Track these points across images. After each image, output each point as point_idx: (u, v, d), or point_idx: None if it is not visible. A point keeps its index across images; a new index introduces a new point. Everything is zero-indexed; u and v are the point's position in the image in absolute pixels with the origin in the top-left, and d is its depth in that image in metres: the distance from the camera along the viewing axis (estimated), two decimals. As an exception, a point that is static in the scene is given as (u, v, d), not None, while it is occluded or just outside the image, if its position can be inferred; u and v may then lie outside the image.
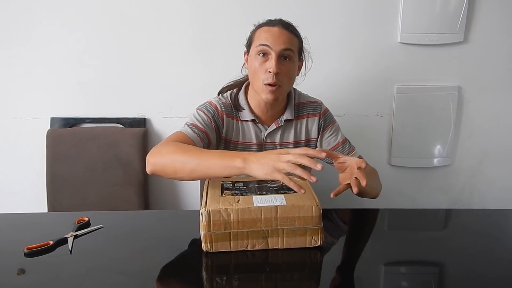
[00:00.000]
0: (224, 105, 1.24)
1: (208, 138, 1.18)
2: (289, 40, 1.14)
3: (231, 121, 1.25)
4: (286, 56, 1.14)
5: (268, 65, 1.13)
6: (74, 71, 1.73)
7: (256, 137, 1.25)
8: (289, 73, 1.16)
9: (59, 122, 1.77)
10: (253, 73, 1.18)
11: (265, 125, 1.26)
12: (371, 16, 1.68)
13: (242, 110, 1.25)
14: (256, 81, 1.17)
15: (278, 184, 0.99)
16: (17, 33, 1.69)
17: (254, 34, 1.20)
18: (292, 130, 1.27)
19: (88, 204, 1.72)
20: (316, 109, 1.29)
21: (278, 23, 1.17)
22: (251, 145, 1.25)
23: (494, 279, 0.82)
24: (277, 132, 1.26)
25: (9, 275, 0.84)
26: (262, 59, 1.15)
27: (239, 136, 1.25)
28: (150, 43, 1.71)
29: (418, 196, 1.87)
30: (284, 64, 1.14)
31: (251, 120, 1.24)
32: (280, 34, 1.14)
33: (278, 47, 1.12)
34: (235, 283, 0.81)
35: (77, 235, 0.99)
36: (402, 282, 0.84)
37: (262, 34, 1.16)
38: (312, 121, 1.29)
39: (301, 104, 1.29)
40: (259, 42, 1.15)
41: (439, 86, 1.75)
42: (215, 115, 1.22)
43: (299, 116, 1.28)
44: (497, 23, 1.69)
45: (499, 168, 1.84)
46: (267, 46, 1.13)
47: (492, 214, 1.16)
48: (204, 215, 0.86)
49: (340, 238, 1.03)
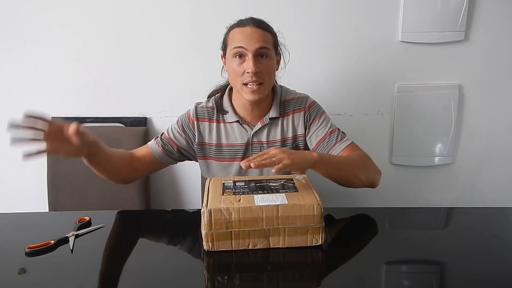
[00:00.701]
0: (201, 110, 1.27)
1: (172, 143, 1.26)
2: (262, 38, 1.14)
3: (208, 125, 1.26)
4: (262, 54, 1.15)
5: (246, 66, 1.14)
6: (75, 71, 1.73)
7: (242, 137, 1.25)
8: (268, 70, 1.16)
9: (60, 122, 1.77)
10: (232, 75, 1.18)
11: (250, 125, 1.25)
12: (372, 15, 1.68)
13: (226, 113, 1.25)
14: (236, 83, 1.18)
15: (279, 183, 0.99)
16: (18, 33, 1.69)
17: (227, 37, 1.20)
18: (279, 127, 1.26)
19: (89, 203, 1.72)
20: (301, 104, 1.27)
21: (249, 22, 1.17)
22: (236, 145, 1.25)
23: (495, 278, 0.82)
24: (263, 130, 1.25)
25: (10, 274, 0.84)
26: (239, 60, 1.15)
27: (221, 138, 1.26)
28: (151, 42, 1.71)
29: (419, 195, 1.87)
30: (261, 62, 1.15)
31: (235, 122, 1.25)
32: (253, 33, 1.14)
33: (252, 46, 1.13)
34: (236, 282, 0.81)
35: (78, 234, 0.99)
36: (403, 281, 0.84)
37: (235, 36, 1.16)
38: (298, 116, 1.27)
39: (287, 101, 1.28)
40: (234, 44, 1.15)
41: (440, 84, 1.74)
42: (185, 124, 1.27)
43: (285, 114, 1.27)
44: (498, 22, 1.68)
45: (500, 166, 1.84)
46: (242, 48, 1.13)
47: (493, 213, 1.16)
48: (205, 214, 0.86)
49: (342, 237, 1.03)
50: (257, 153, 1.02)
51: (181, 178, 1.85)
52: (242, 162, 0.96)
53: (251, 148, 1.26)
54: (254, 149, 1.25)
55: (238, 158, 1.25)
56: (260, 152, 1.02)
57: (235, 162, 1.26)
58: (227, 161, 1.26)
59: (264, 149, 1.22)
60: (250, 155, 1.25)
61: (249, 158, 0.99)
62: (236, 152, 1.25)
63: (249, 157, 1.01)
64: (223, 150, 1.26)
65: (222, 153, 1.26)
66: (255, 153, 1.21)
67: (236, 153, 1.26)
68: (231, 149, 1.26)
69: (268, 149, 1.01)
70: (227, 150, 1.26)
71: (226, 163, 1.27)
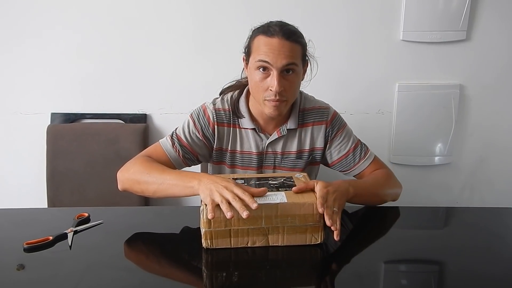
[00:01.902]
0: (219, 113, 1.17)
1: (193, 152, 1.16)
2: (291, 53, 1.03)
3: (226, 130, 1.18)
4: (288, 69, 1.05)
5: (269, 83, 1.05)
6: (74, 67, 1.73)
7: (256, 146, 1.18)
8: (293, 87, 1.08)
9: (60, 118, 1.77)
10: (254, 86, 1.10)
11: (266, 133, 1.18)
12: (374, 14, 1.67)
13: (242, 118, 1.17)
14: (257, 96, 1.10)
15: (279, 182, 0.99)
16: (17, 29, 1.69)
17: (252, 43, 1.09)
18: (296, 139, 1.19)
19: (88, 200, 1.72)
20: (322, 116, 1.20)
21: (278, 31, 1.03)
22: (251, 154, 1.19)
23: (494, 276, 0.82)
24: (279, 141, 1.19)
25: (9, 270, 0.84)
26: (262, 74, 1.05)
27: (236, 145, 1.19)
28: (151, 38, 1.70)
29: (418, 194, 1.86)
30: (287, 79, 1.06)
31: (251, 129, 1.18)
32: (281, 47, 1.02)
33: (279, 63, 1.02)
34: (235, 279, 0.81)
35: (77, 230, 0.98)
36: (402, 280, 0.84)
37: (261, 48, 1.04)
38: (318, 129, 1.20)
39: (306, 110, 1.20)
40: (258, 57, 1.04)
41: (441, 84, 1.74)
42: (205, 126, 1.17)
43: (304, 124, 1.20)
44: (500, 21, 1.68)
45: (500, 166, 1.84)
46: (267, 63, 1.03)
47: (492, 212, 1.16)
48: (204, 212, 0.86)
49: (341, 236, 1.02)
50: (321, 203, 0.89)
51: (180, 175, 1.84)
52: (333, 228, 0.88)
53: (265, 157, 1.20)
54: (267, 158, 1.20)
55: (252, 167, 1.20)
56: (308, 186, 0.93)
57: (248, 171, 1.20)
58: (239, 168, 1.21)
59: (278, 159, 1.19)
60: (263, 164, 1.20)
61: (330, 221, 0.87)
62: (250, 161, 1.19)
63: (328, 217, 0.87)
64: (237, 157, 1.20)
65: (235, 160, 1.20)
66: (268, 164, 1.19)
67: (250, 162, 1.20)
68: (245, 157, 1.19)
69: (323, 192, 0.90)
70: (240, 158, 1.20)
71: (238, 170, 1.21)
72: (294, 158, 1.20)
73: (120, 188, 1.11)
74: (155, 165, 1.08)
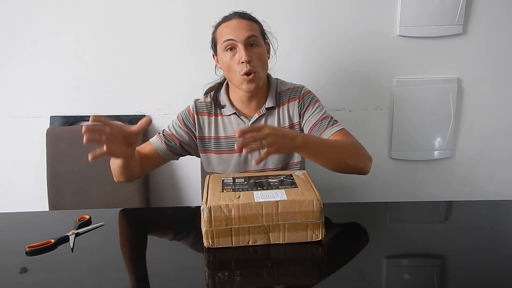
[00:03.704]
0: (200, 104, 1.30)
1: (175, 139, 1.27)
2: (249, 27, 1.18)
3: (207, 118, 1.28)
4: (252, 43, 1.18)
5: (238, 56, 1.16)
6: (73, 69, 1.73)
7: None
8: (260, 58, 1.19)
9: (59, 121, 1.77)
10: (227, 69, 1.21)
11: (248, 116, 1.27)
12: (370, 9, 1.67)
13: (223, 107, 1.28)
14: (233, 76, 1.20)
15: (278, 179, 1.00)
16: (15, 32, 1.69)
17: (215, 34, 1.24)
18: (275, 117, 1.28)
19: (89, 202, 1.72)
20: (296, 93, 1.29)
21: (233, 15, 1.21)
22: (234, 138, 1.25)
23: (494, 270, 0.82)
24: (260, 121, 1.27)
25: (11, 274, 0.84)
26: (230, 53, 1.18)
27: (219, 131, 1.28)
28: (148, 40, 1.70)
29: (418, 189, 1.87)
30: (252, 51, 1.17)
31: (233, 114, 1.27)
32: (240, 24, 1.18)
33: (241, 36, 1.16)
34: (237, 278, 0.81)
35: (79, 233, 0.99)
36: (403, 275, 0.84)
37: (223, 31, 1.19)
38: (293, 105, 1.28)
39: (283, 91, 1.30)
40: (223, 39, 1.18)
41: (439, 78, 1.74)
42: (186, 118, 1.29)
43: (280, 103, 1.29)
44: (497, 15, 1.68)
45: (499, 160, 1.84)
46: (232, 40, 1.16)
47: (492, 206, 1.16)
48: (205, 211, 0.86)
49: (341, 232, 1.03)
50: (251, 127, 0.99)
51: (180, 175, 1.85)
52: (236, 144, 0.93)
53: None
54: None
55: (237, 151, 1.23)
56: (254, 127, 0.96)
57: (234, 154, 1.27)
58: (225, 154, 1.28)
59: None
60: None
61: (243, 129, 0.93)
62: (234, 144, 1.22)
63: (243, 128, 0.93)
64: (221, 142, 1.28)
65: (221, 145, 1.28)
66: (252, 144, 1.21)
67: (234, 146, 1.22)
68: (229, 141, 1.27)
69: (262, 127, 0.95)
70: (225, 143, 1.28)
71: (225, 155, 1.28)
72: (273, 126, 1.20)
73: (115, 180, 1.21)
74: None
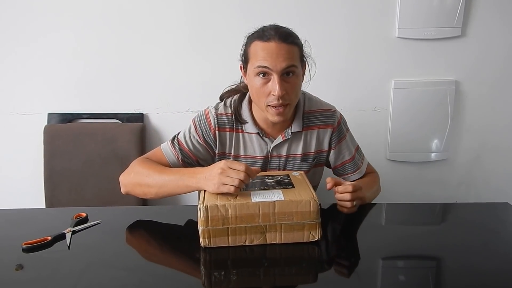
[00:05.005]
0: (221, 118, 1.16)
1: (192, 156, 1.17)
2: (289, 55, 1.02)
3: (229, 135, 1.17)
4: (288, 72, 1.04)
5: (271, 87, 1.03)
6: (71, 67, 1.73)
7: (261, 150, 1.17)
8: (294, 89, 1.06)
9: (56, 118, 1.76)
10: (255, 93, 1.07)
11: (270, 137, 1.17)
12: (369, 11, 1.68)
13: (245, 123, 1.16)
14: (259, 102, 1.08)
15: (275, 179, 1.00)
16: (13, 29, 1.68)
17: (248, 50, 1.07)
18: (301, 141, 1.18)
19: (86, 199, 1.72)
20: (328, 120, 1.19)
21: (273, 35, 1.02)
22: (254, 158, 1.18)
23: (491, 271, 0.83)
24: (284, 144, 1.17)
25: (7, 270, 0.84)
26: (262, 80, 1.04)
27: (240, 149, 1.18)
28: (147, 38, 1.70)
29: (415, 190, 1.87)
30: (288, 82, 1.04)
31: (255, 133, 1.16)
32: (279, 50, 1.01)
33: (279, 66, 1.01)
34: (233, 278, 0.82)
35: (75, 230, 0.99)
36: (399, 276, 0.84)
37: (258, 52, 1.03)
38: (324, 132, 1.19)
39: (312, 112, 1.19)
40: (257, 63, 1.03)
41: (437, 80, 1.75)
42: (206, 132, 1.16)
43: (309, 127, 1.18)
44: (495, 17, 1.69)
45: (496, 162, 1.85)
46: (267, 68, 1.02)
47: (489, 208, 1.17)
48: (202, 210, 0.86)
49: (338, 233, 1.03)
50: (344, 187, 1.03)
51: (178, 174, 1.84)
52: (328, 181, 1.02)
53: (270, 161, 1.19)
54: (272, 162, 1.19)
55: None
56: (346, 188, 1.03)
57: None
58: None
59: (282, 162, 1.19)
60: (268, 168, 1.19)
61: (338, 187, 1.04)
62: (254, 165, 1.16)
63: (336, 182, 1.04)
64: (240, 161, 1.16)
65: None
66: (273, 167, 1.19)
67: (254, 166, 1.15)
68: (249, 161, 1.18)
69: (356, 189, 1.04)
70: (244, 162, 1.13)
71: None
72: (299, 161, 1.20)
73: (123, 192, 1.13)
74: (154, 166, 1.09)
